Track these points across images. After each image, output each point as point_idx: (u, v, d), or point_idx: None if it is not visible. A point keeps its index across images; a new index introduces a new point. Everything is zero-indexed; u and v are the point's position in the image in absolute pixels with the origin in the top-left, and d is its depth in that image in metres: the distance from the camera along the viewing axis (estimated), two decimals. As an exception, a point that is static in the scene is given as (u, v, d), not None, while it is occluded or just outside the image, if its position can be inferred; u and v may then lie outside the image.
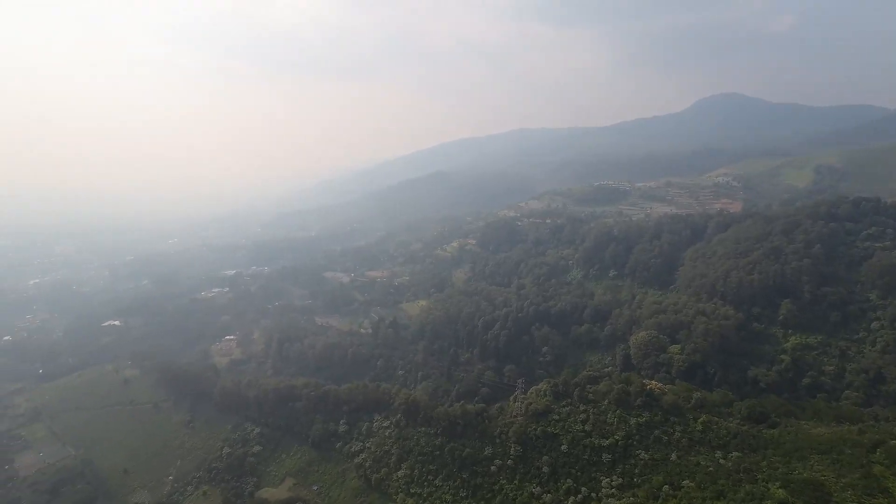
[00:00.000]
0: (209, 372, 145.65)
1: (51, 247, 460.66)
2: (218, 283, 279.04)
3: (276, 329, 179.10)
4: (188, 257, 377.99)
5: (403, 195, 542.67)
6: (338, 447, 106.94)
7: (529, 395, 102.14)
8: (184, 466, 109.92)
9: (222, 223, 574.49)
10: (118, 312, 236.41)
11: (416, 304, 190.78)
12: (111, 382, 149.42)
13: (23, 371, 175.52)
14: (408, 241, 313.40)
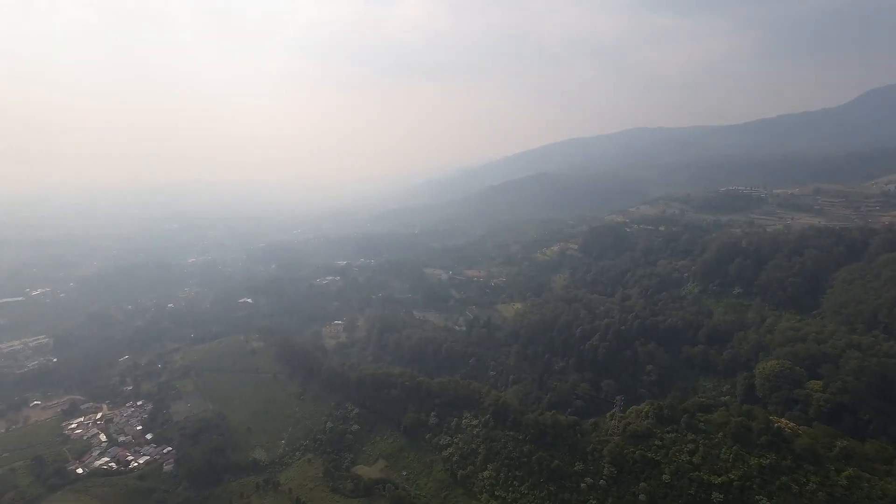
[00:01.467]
0: (319, 351, 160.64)
1: (205, 232, 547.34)
2: (331, 272, 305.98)
3: (378, 318, 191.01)
4: (309, 247, 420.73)
5: (505, 196, 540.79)
6: (427, 438, 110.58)
7: (628, 414, 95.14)
8: (294, 433, 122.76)
9: (338, 217, 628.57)
10: (251, 291, 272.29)
11: (512, 307, 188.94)
12: (242, 351, 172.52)
13: (180, 334, 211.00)
14: (506, 243, 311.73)
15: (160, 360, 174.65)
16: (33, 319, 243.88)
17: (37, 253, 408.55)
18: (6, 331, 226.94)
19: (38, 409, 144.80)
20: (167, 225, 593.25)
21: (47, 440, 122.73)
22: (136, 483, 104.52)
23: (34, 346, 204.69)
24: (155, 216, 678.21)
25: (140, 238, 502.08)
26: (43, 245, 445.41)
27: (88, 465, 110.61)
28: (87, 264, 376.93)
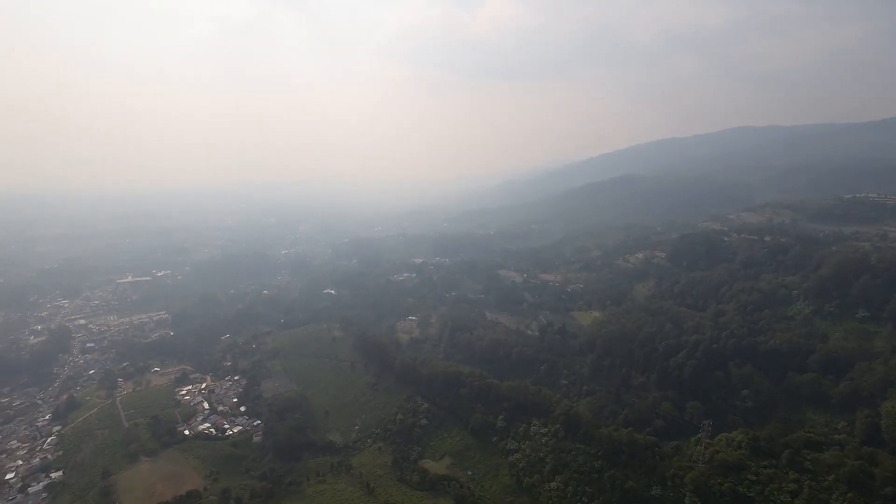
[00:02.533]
0: (393, 345, 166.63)
1: (297, 226, 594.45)
2: (408, 268, 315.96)
3: (450, 317, 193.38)
4: (388, 244, 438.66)
5: (586, 199, 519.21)
6: (494, 441, 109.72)
7: (717, 441, 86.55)
8: (367, 421, 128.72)
9: (417, 216, 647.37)
10: (334, 283, 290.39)
11: (589, 315, 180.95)
12: (324, 339, 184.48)
13: (272, 318, 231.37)
14: (586, 247, 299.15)
15: (255, 341, 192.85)
16: (157, 297, 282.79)
17: (162, 240, 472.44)
18: (137, 305, 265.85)
19: (157, 374, 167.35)
20: (266, 219, 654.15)
21: (163, 402, 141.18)
22: (231, 449, 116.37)
23: (157, 320, 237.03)
24: (256, 211, 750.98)
25: (243, 230, 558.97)
26: (167, 233, 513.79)
27: (193, 429, 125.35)
28: (200, 251, 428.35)
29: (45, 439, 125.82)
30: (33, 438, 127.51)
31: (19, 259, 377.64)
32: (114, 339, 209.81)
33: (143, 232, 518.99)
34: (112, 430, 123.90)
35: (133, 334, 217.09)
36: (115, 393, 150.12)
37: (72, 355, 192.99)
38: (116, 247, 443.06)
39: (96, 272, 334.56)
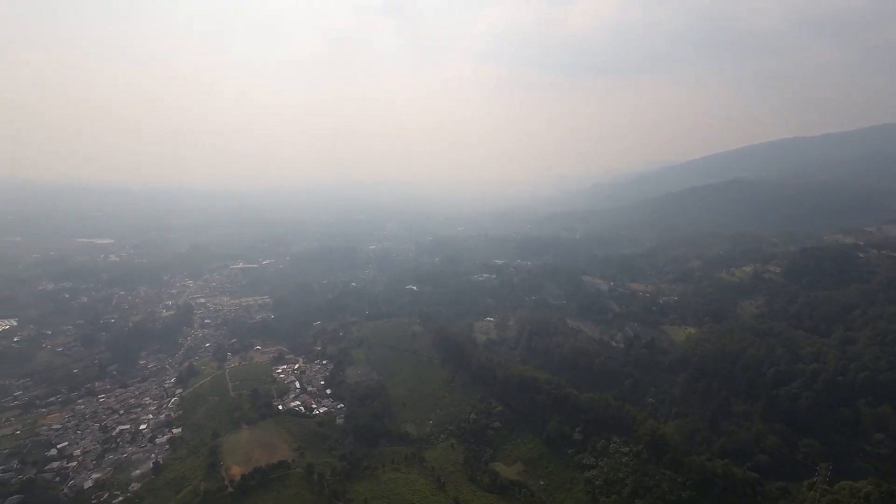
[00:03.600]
0: (470, 344, 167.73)
1: (385, 223, 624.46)
2: (488, 269, 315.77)
3: (530, 321, 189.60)
4: (470, 244, 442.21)
5: (686, 204, 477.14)
6: (569, 453, 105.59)
7: (837, 489, 74.69)
8: (441, 416, 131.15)
9: (501, 217, 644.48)
10: (416, 280, 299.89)
11: (683, 330, 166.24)
12: (405, 333, 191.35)
13: (358, 309, 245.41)
14: (683, 257, 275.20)
15: (342, 329, 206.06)
16: (262, 282, 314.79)
17: (267, 232, 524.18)
18: (246, 289, 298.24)
19: (259, 352, 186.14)
20: (357, 215, 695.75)
21: (262, 378, 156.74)
22: (316, 428, 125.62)
23: (260, 304, 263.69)
24: (350, 207, 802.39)
25: (337, 225, 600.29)
26: (272, 226, 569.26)
27: (286, 405, 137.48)
28: (299, 243, 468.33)
29: (169, 399, 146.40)
30: (161, 397, 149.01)
31: (157, 244, 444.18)
32: (226, 318, 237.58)
33: (253, 224, 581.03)
34: (221, 398, 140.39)
35: (241, 315, 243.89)
36: (224, 365, 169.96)
37: (193, 329, 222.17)
38: (231, 236, 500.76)
39: (215, 258, 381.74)
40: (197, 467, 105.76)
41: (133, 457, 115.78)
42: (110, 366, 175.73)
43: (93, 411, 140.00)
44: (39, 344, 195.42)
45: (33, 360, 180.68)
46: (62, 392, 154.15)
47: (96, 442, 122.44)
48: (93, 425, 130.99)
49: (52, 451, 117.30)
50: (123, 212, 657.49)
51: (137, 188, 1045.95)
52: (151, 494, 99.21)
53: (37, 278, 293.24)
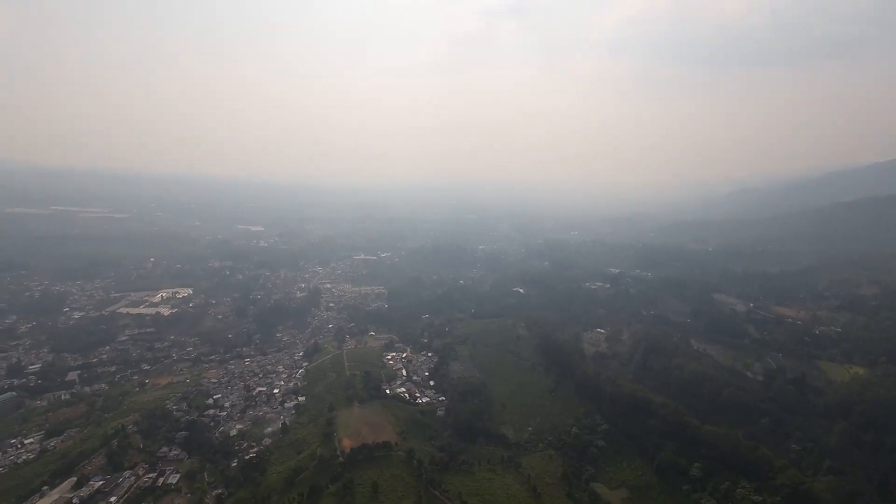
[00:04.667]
0: (577, 354, 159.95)
1: (496, 224, 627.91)
2: (602, 277, 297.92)
3: (646, 337, 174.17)
4: (583, 249, 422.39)
5: (859, 217, 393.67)
6: (684, 489, 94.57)
7: None
8: (540, 424, 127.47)
9: (619, 223, 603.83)
10: (524, 282, 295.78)
11: (846, 369, 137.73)
12: (509, 334, 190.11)
13: (465, 307, 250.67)
14: (852, 281, 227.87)
15: (448, 325, 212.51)
16: (379, 274, 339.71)
17: (387, 227, 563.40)
18: (365, 278, 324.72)
19: (372, 338, 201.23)
20: (469, 215, 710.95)
21: (373, 361, 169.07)
22: (419, 416, 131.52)
23: (377, 293, 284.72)
24: (463, 207, 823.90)
25: (450, 223, 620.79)
26: (391, 222, 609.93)
27: (393, 390, 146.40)
28: (414, 239, 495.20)
29: (298, 370, 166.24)
30: (291, 367, 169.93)
31: (297, 233, 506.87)
32: (347, 303, 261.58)
33: (375, 219, 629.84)
34: (338, 375, 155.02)
35: (359, 302, 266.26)
36: (343, 346, 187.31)
37: (319, 310, 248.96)
38: (356, 230, 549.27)
39: (341, 248, 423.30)
40: (315, 434, 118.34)
41: (267, 415, 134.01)
42: (255, 335, 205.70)
43: (240, 372, 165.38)
44: (206, 311, 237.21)
45: (201, 323, 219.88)
46: (219, 353, 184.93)
47: (241, 398, 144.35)
48: (239, 384, 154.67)
49: (209, 401, 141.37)
50: (272, 204, 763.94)
51: (284, 184, 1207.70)
52: (278, 451, 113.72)
53: (208, 256, 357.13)
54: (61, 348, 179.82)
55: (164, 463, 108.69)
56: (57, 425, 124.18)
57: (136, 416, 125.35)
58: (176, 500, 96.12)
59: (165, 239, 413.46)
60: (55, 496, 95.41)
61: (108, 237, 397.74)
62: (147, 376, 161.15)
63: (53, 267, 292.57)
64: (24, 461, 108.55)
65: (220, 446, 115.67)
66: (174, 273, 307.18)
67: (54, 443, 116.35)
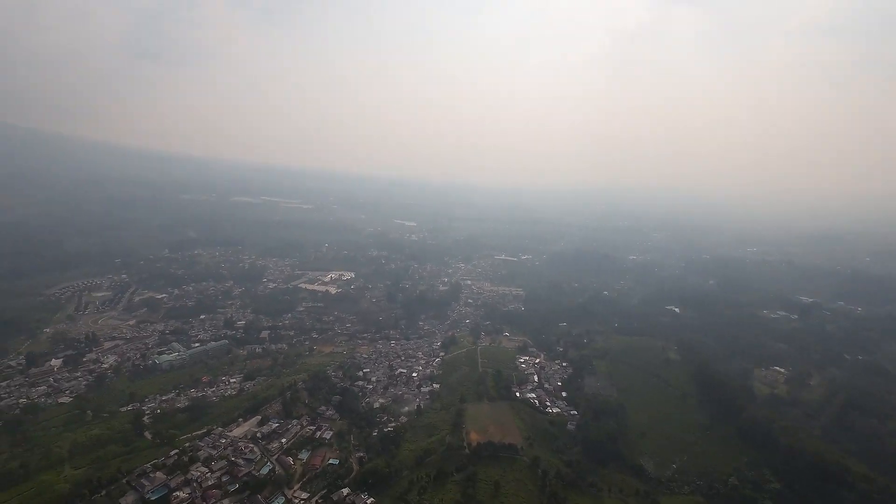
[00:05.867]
0: (743, 392, 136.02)
1: (650, 234, 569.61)
2: (786, 306, 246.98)
3: (847, 387, 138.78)
4: (763, 270, 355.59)
5: None
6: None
7: None
8: (687, 464, 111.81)
9: (818, 242, 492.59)
10: (679, 301, 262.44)
11: None
12: (657, 357, 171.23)
13: (607, 319, 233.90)
14: None
15: (586, 336, 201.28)
16: (518, 275, 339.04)
17: (530, 229, 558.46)
18: (504, 279, 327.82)
19: (506, 338, 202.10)
20: (620, 222, 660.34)
21: (505, 362, 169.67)
22: (547, 425, 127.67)
23: (514, 295, 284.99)
24: (614, 212, 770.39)
25: (599, 229, 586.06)
26: (534, 224, 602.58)
27: (523, 393, 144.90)
28: (556, 243, 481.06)
29: (435, 358, 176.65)
30: (429, 355, 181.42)
31: (445, 230, 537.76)
32: (485, 301, 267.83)
33: (519, 221, 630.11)
34: (471, 370, 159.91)
35: (496, 301, 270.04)
36: (477, 342, 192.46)
37: (459, 305, 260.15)
38: (500, 230, 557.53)
39: (484, 247, 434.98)
40: (445, 421, 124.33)
41: (405, 396, 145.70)
42: (401, 321, 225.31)
43: (386, 352, 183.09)
44: (363, 293, 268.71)
45: (358, 304, 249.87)
46: (371, 332, 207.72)
47: (385, 376, 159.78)
48: (384, 363, 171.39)
49: (359, 373, 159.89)
50: (426, 202, 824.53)
51: (438, 184, 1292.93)
52: (412, 430, 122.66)
53: (368, 246, 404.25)
54: (259, 310, 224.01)
55: (321, 419, 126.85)
56: (251, 372, 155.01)
57: (305, 376, 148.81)
58: (328, 453, 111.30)
59: (338, 228, 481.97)
60: (246, 427, 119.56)
61: (298, 224, 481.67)
62: (315, 343, 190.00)
63: (259, 245, 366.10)
64: (228, 395, 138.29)
65: (364, 415, 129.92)
66: (342, 258, 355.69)
67: (248, 385, 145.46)
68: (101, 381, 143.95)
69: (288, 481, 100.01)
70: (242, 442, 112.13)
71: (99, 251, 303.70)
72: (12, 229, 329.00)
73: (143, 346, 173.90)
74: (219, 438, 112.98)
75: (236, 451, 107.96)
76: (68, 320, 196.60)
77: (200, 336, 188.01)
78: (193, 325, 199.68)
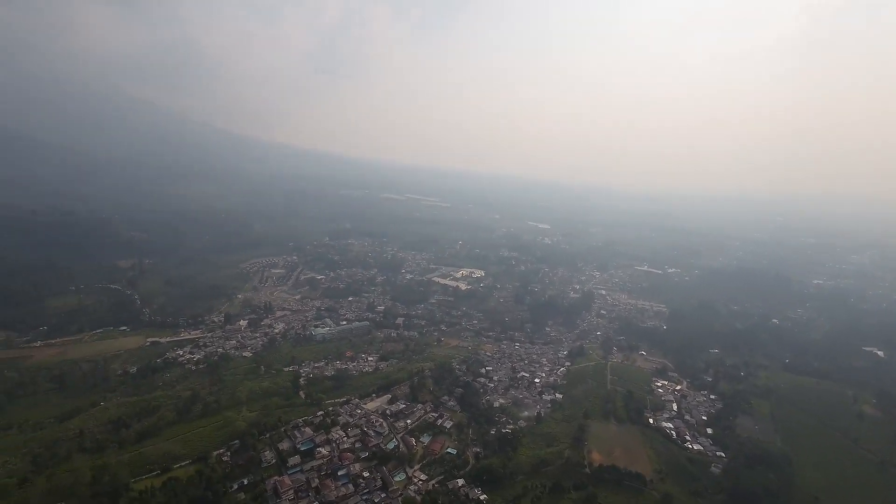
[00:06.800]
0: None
1: (847, 255, 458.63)
2: None
3: None
4: None
5: None
6: None
7: None
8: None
9: None
10: (885, 342, 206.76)
11: None
12: (843, 407, 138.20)
13: (773, 352, 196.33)
14: None
15: (745, 369, 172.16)
16: (661, 289, 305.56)
17: (678, 240, 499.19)
18: (644, 292, 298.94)
19: (642, 357, 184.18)
20: (803, 238, 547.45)
21: (639, 383, 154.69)
22: (685, 462, 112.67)
23: (655, 311, 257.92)
24: (794, 226, 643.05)
25: (769, 245, 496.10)
26: (685, 235, 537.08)
27: (657, 421, 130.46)
28: (713, 258, 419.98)
29: (560, 367, 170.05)
30: (554, 363, 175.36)
31: (579, 235, 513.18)
32: (619, 314, 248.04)
33: (664, 229, 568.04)
34: (598, 385, 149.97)
35: (634, 315, 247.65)
36: (608, 357, 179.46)
37: (590, 315, 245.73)
38: (643, 238, 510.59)
39: (621, 256, 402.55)
40: (565, 434, 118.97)
41: (525, 400, 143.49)
42: (527, 324, 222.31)
43: (510, 353, 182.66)
44: (492, 293, 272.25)
45: (486, 302, 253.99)
46: (496, 331, 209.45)
47: (506, 377, 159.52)
48: (507, 364, 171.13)
49: (482, 370, 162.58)
50: (561, 205, 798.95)
51: (570, 185, 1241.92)
52: (530, 436, 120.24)
53: (499, 246, 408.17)
54: (396, 298, 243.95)
55: (443, 408, 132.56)
56: (386, 354, 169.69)
57: (431, 365, 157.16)
58: (447, 441, 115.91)
59: (472, 226, 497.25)
60: (378, 403, 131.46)
61: (435, 220, 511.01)
62: (443, 335, 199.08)
63: (401, 238, 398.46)
64: (365, 372, 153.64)
65: (484, 412, 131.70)
66: (474, 256, 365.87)
67: (383, 365, 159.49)
68: (272, 343, 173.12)
69: (409, 460, 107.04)
70: (374, 416, 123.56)
71: (278, 235, 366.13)
72: (223, 215, 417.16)
73: (304, 319, 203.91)
74: (355, 409, 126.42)
75: (369, 422, 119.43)
76: (253, 290, 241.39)
77: (347, 315, 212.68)
78: (343, 305, 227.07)
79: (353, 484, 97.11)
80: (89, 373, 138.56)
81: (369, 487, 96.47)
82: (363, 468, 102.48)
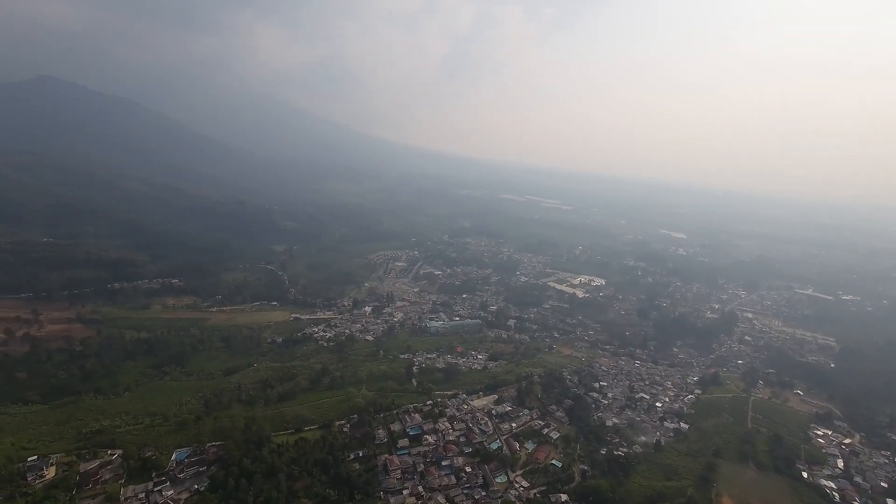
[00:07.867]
0: None
1: None
2: None
3: None
4: None
5: None
6: None
7: None
8: None
9: None
10: None
11: None
12: None
13: None
14: None
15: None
16: (830, 319, 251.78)
17: (861, 261, 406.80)
18: (805, 320, 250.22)
19: (797, 398, 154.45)
20: None
21: (791, 427, 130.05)
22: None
23: (820, 344, 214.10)
24: None
25: None
26: (874, 254, 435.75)
27: (813, 476, 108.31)
28: None
29: (687, 394, 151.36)
30: (680, 388, 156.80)
31: (723, 248, 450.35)
32: (769, 343, 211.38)
33: (841, 248, 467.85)
34: (735, 421, 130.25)
35: (790, 347, 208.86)
36: (751, 391, 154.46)
37: (730, 339, 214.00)
38: (807, 256, 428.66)
39: (778, 275, 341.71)
40: (689, 470, 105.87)
41: (642, 424, 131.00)
42: (651, 341, 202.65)
43: (628, 371, 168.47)
44: (612, 303, 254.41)
45: (605, 313, 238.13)
46: (613, 345, 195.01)
47: (623, 395, 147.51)
48: (625, 381, 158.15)
49: (595, 384, 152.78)
50: (697, 211, 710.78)
51: (717, 192, 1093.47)
52: (646, 464, 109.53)
53: (624, 254, 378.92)
54: (509, 300, 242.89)
55: (550, 418, 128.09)
56: (495, 353, 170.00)
57: (541, 371, 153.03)
58: (553, 452, 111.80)
59: (594, 232, 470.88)
60: (484, 401, 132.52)
61: (555, 223, 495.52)
62: (555, 342, 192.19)
63: (518, 240, 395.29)
64: (474, 369, 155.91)
65: (594, 429, 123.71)
66: (594, 263, 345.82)
67: (491, 365, 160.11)
68: (391, 331, 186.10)
69: (512, 464, 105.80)
70: (480, 413, 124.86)
71: (402, 230, 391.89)
72: (357, 209, 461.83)
73: (420, 311, 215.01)
74: (462, 403, 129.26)
75: (474, 419, 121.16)
76: (378, 280, 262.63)
77: (460, 312, 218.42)
78: (457, 301, 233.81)
79: (455, 476, 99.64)
80: (248, 338, 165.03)
81: (471, 483, 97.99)
82: (465, 462, 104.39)
